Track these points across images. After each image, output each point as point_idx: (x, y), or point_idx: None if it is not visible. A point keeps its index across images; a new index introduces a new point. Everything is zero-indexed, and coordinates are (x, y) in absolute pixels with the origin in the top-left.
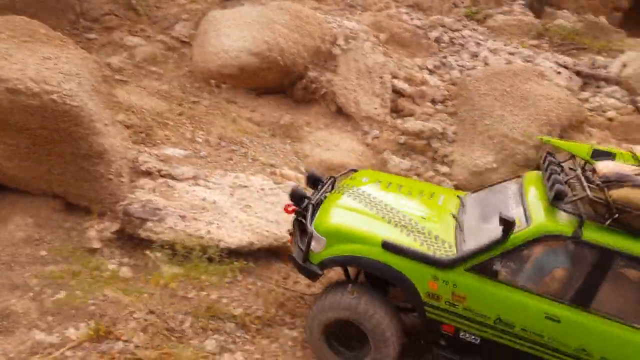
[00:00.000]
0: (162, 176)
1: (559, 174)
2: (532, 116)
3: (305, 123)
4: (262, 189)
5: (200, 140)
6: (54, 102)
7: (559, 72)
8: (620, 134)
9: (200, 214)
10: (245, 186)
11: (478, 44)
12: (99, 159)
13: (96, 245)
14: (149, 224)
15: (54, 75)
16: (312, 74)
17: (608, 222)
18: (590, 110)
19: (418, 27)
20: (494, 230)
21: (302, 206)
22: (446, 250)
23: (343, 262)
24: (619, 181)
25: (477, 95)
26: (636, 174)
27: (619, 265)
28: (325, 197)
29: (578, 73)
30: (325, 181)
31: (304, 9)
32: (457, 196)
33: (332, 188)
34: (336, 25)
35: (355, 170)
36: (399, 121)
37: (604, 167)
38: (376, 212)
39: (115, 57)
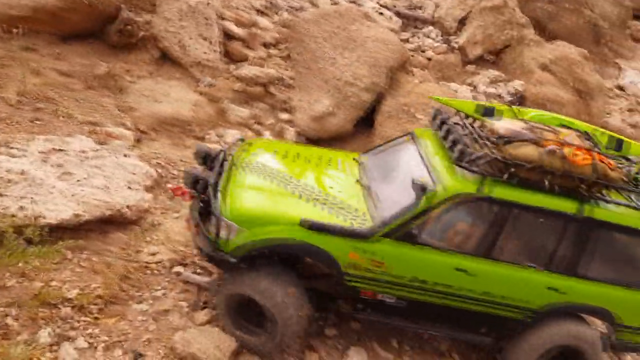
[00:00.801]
0: None
1: (456, 133)
2: (362, 58)
3: (125, 71)
4: (84, 152)
5: None
6: None
7: (381, 14)
8: (437, 72)
9: (7, 188)
10: (62, 150)
11: None
12: None
13: None
14: None
15: None
16: (127, 14)
17: (505, 177)
18: (411, 50)
19: None
20: (404, 195)
21: (200, 189)
22: (362, 219)
23: (262, 248)
24: (515, 139)
25: (308, 38)
26: (526, 130)
27: (517, 216)
28: (222, 174)
29: (398, 14)
30: (216, 156)
31: None
32: (354, 159)
33: (224, 161)
34: None
35: (243, 140)
36: (233, 67)
37: (500, 126)
38: (284, 187)
39: None
